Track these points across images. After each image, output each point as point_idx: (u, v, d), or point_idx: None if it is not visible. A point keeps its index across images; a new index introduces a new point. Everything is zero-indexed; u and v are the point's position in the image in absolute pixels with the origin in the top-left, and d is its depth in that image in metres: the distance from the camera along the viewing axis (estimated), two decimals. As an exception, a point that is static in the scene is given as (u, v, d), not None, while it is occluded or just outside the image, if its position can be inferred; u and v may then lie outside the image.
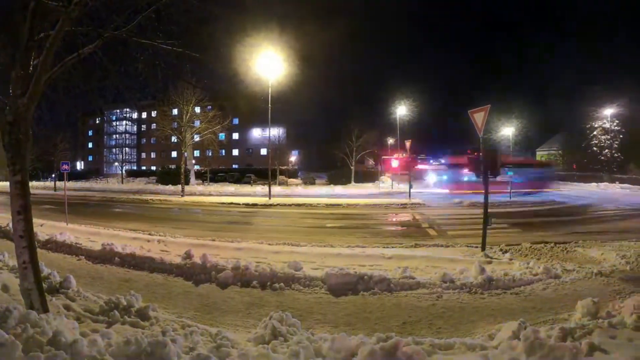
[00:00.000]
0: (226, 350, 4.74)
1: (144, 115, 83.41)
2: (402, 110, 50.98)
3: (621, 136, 70.04)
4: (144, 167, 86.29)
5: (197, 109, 41.15)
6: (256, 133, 77.45)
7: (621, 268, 10.51)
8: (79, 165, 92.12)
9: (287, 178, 53.92)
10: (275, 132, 53.63)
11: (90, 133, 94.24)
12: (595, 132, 72.14)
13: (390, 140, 63.04)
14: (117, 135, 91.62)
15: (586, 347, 4.71)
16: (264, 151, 71.26)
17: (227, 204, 27.29)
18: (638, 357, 4.66)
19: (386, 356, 4.15)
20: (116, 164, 75.29)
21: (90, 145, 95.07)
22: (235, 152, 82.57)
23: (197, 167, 57.70)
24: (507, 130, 65.57)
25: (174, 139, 41.33)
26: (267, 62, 27.75)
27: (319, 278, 8.79)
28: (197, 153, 58.67)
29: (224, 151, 69.15)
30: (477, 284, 8.71)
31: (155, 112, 48.14)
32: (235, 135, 79.98)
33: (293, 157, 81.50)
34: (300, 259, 10.13)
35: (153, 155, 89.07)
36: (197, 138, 42.23)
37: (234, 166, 74.09)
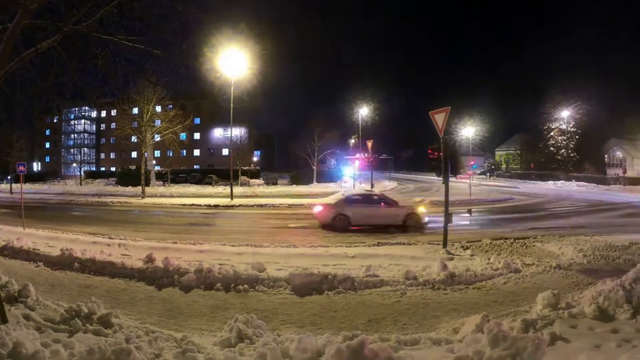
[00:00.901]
0: (192, 356, 4.64)
1: (104, 114, 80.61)
2: (364, 111, 51.31)
3: (577, 137, 72.56)
4: (103, 168, 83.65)
5: (158, 108, 40.25)
6: (218, 133, 76.61)
7: (579, 261, 10.88)
8: (36, 167, 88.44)
9: (249, 179, 53.30)
10: (238, 132, 53.15)
11: (47, 132, 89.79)
12: (552, 133, 74.67)
13: (352, 140, 63.40)
14: (76, 135, 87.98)
15: (548, 337, 4.80)
16: (225, 151, 69.95)
17: (189, 205, 26.82)
18: (598, 344, 4.74)
19: (353, 354, 4.12)
20: (74, 165, 71.87)
21: (47, 145, 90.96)
22: (197, 152, 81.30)
23: (157, 168, 56.40)
24: (468, 131, 66.79)
25: (134, 138, 40.01)
26: (231, 62, 27.39)
27: (283, 279, 8.69)
28: (157, 153, 57.32)
29: (185, 151, 67.75)
30: (440, 280, 8.77)
31: (115, 110, 46.88)
32: (197, 135, 78.62)
33: (255, 158, 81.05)
34: (263, 260, 9.99)
35: (112, 155, 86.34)
36: (157, 138, 41.31)
37: (195, 167, 72.68)
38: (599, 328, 5.45)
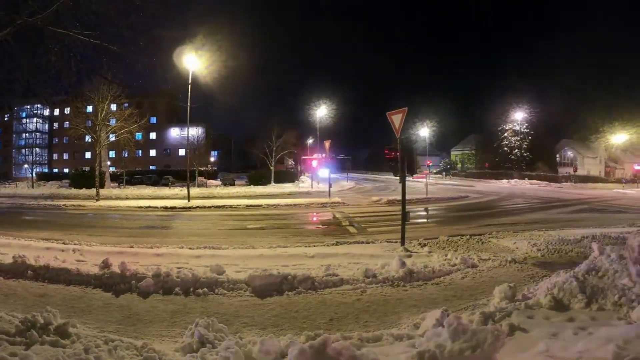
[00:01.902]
0: (154, 364, 4.51)
1: (57, 112, 76.63)
2: (322, 111, 51.42)
3: (530, 137, 75.17)
4: (56, 170, 80.00)
5: (114, 107, 38.77)
6: (175, 133, 75.27)
7: (533, 255, 11.19)
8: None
9: (206, 179, 52.47)
10: (194, 132, 52.31)
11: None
12: (506, 134, 77.20)
13: (310, 140, 63.44)
14: (27, 135, 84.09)
15: (507, 328, 4.88)
16: (182, 152, 68.91)
17: (145, 207, 26.14)
18: (555, 333, 4.88)
19: (316, 354, 4.08)
20: (26, 166, 68.59)
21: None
22: (153, 152, 79.51)
23: (112, 169, 54.66)
24: (424, 131, 67.98)
25: (88, 138, 38.08)
26: (188, 60, 26.96)
27: (242, 281, 8.56)
28: (112, 154, 55.10)
29: (140, 152, 66.21)
30: (399, 277, 8.81)
31: (69, 109, 44.94)
32: (153, 135, 76.77)
33: (212, 158, 79.89)
34: (222, 262, 9.83)
35: (66, 156, 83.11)
36: (112, 138, 39.54)
37: (151, 167, 70.75)
38: (555, 317, 5.61)
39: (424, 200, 30.03)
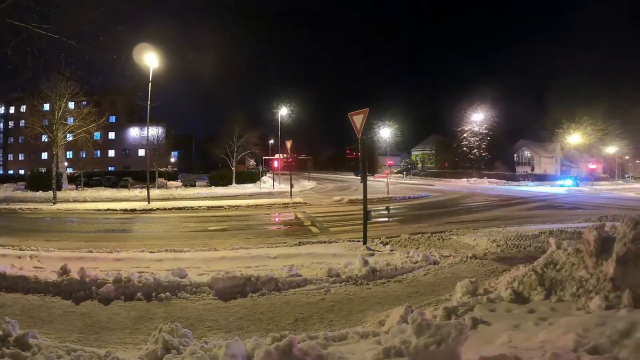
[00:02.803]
0: (118, 372, 4.38)
1: (12, 110, 73.93)
2: (284, 111, 51.33)
3: (489, 138, 77.13)
4: (11, 171, 75.76)
5: (71, 105, 36.96)
6: (134, 132, 73.13)
7: (493, 251, 11.43)
8: None
9: (166, 180, 51.34)
10: (155, 131, 51.15)
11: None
12: (465, 135, 78.90)
13: (272, 141, 63.22)
14: None
15: (470, 322, 4.97)
16: (142, 152, 66.91)
17: (104, 210, 25.34)
18: (517, 324, 5.00)
19: (282, 355, 4.04)
20: None
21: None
22: (112, 153, 76.83)
23: (70, 170, 52.90)
24: (385, 132, 68.78)
25: (44, 138, 36.76)
26: (149, 57, 26.41)
27: (205, 284, 8.42)
28: (70, 155, 53.16)
29: (99, 152, 63.24)
30: (362, 275, 8.84)
31: (25, 107, 43.18)
32: (112, 135, 74.24)
33: (173, 159, 78.53)
34: (184, 265, 9.65)
35: (21, 157, 79.33)
36: (70, 137, 37.71)
37: (110, 168, 68.01)
38: (517, 310, 5.74)
39: (385, 199, 30.31)
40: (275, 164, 43.47)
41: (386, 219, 19.52)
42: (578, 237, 9.66)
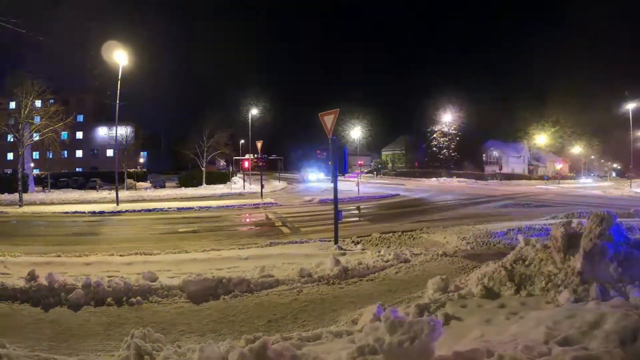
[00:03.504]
0: (91, 380, 4.27)
1: None
2: (254, 111, 51.01)
3: (458, 138, 78.48)
4: None
5: (38, 103, 35.80)
6: (102, 132, 71.62)
7: (463, 248, 11.59)
8: None
9: (135, 182, 50.55)
10: (123, 131, 50.10)
11: None
12: (435, 135, 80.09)
13: (242, 141, 62.80)
14: None
15: (442, 318, 5.03)
16: (110, 152, 64.71)
17: (72, 213, 24.75)
18: (489, 319, 5.09)
19: (256, 357, 4.00)
20: None
21: None
22: (79, 153, 74.00)
23: (36, 172, 51.58)
24: (356, 132, 69.20)
25: (9, 137, 35.45)
26: (119, 54, 25.94)
27: (177, 287, 8.29)
28: (36, 155, 51.50)
29: (66, 152, 61.31)
30: (334, 275, 8.84)
31: None
32: (80, 135, 71.48)
33: (142, 159, 77.19)
34: (155, 268, 9.49)
35: None
36: (36, 137, 35.99)
37: (77, 169, 66.57)
38: (488, 305, 5.84)
39: (355, 199, 30.48)
40: (246, 164, 43.21)
41: (357, 219, 19.62)
42: (546, 234, 9.89)
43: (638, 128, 55.02)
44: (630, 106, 51.02)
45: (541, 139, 75.94)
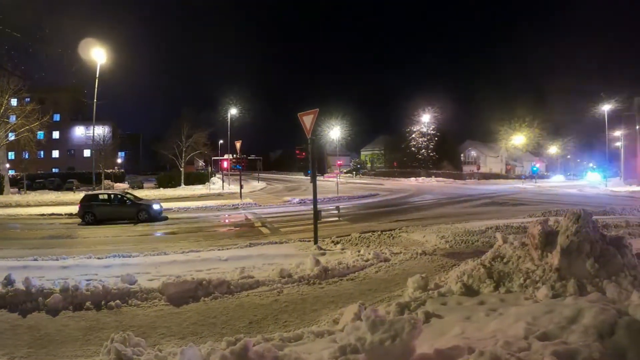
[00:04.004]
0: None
1: None
2: (233, 111, 50.74)
3: (436, 138, 79.30)
4: None
5: (14, 101, 35.23)
6: (79, 132, 70.47)
7: (442, 247, 11.69)
8: None
9: (113, 182, 49.82)
10: (101, 130, 49.35)
11: None
12: (414, 135, 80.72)
13: (221, 141, 62.33)
14: None
15: (423, 316, 5.09)
16: (87, 152, 64.27)
17: (49, 215, 24.32)
18: (468, 316, 5.15)
19: (238, 359, 3.99)
20: None
21: None
22: (56, 153, 71.97)
23: (12, 173, 50.49)
24: (335, 132, 69.42)
25: None
26: (97, 52, 25.51)
27: (156, 289, 8.19)
28: (11, 156, 50.78)
29: (42, 153, 59.35)
30: (314, 275, 8.85)
31: None
32: (56, 134, 69.82)
33: (120, 159, 76.15)
34: (134, 270, 9.41)
35: None
36: (12, 137, 35.98)
37: (54, 170, 64.89)
38: (467, 302, 5.91)
39: (335, 199, 30.57)
40: (225, 164, 42.94)
41: (336, 218, 19.65)
42: (523, 232, 10.01)
43: (612, 128, 56.15)
44: (605, 107, 52.21)
45: (518, 139, 77.13)
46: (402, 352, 3.77)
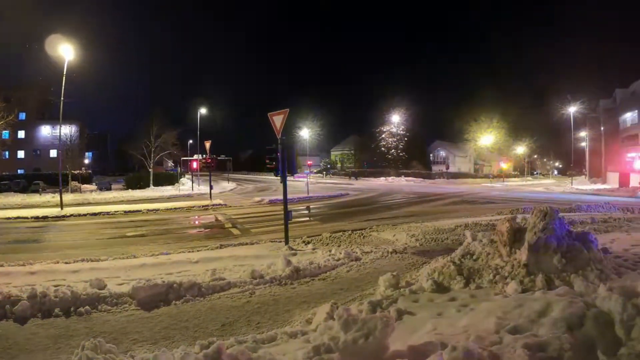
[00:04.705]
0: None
1: None
2: (203, 111, 50.28)
3: (406, 139, 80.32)
4: None
5: None
6: (46, 131, 68.46)
7: (412, 245, 11.81)
8: None
9: (80, 184, 48.55)
10: (68, 130, 48.10)
11: None
12: (383, 135, 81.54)
13: (191, 141, 61.70)
14: None
15: (395, 314, 5.12)
16: (54, 153, 61.91)
17: (14, 218, 23.40)
18: (440, 312, 5.23)
19: (212, 362, 3.97)
20: None
21: None
22: (21, 154, 68.75)
23: None
24: (305, 132, 69.57)
25: None
26: (64, 48, 24.87)
27: (126, 294, 8.03)
28: None
29: (7, 153, 58.60)
30: (286, 275, 8.83)
31: None
32: (21, 134, 66.39)
33: (87, 160, 74.70)
34: (103, 275, 9.18)
35: None
36: None
37: (19, 171, 61.91)
38: (439, 299, 5.98)
39: (305, 199, 30.59)
40: (194, 164, 42.51)
41: (307, 218, 19.65)
42: (492, 229, 10.16)
43: (578, 129, 57.80)
44: (571, 109, 53.67)
45: (486, 139, 78.59)
46: (376, 350, 3.79)
